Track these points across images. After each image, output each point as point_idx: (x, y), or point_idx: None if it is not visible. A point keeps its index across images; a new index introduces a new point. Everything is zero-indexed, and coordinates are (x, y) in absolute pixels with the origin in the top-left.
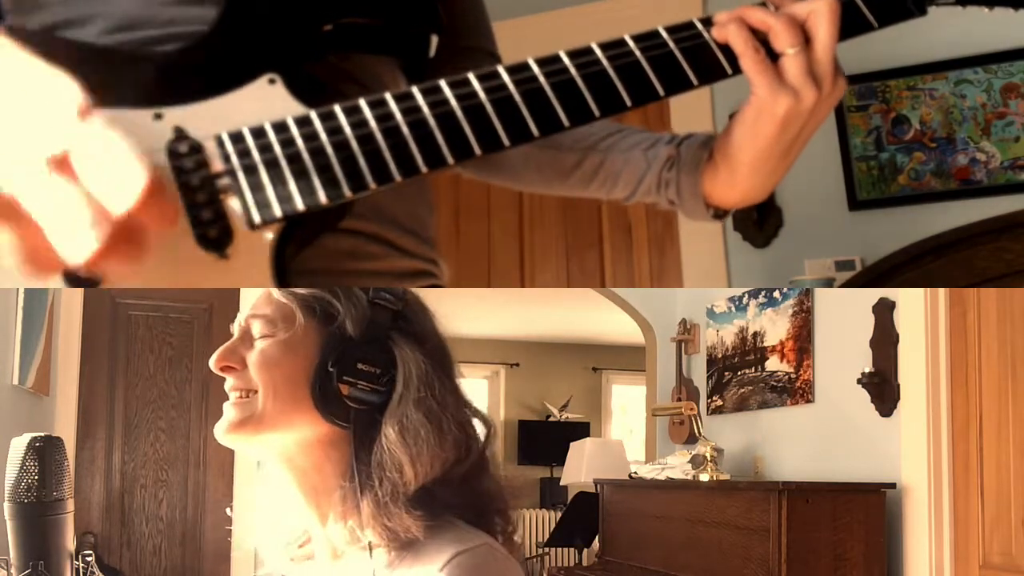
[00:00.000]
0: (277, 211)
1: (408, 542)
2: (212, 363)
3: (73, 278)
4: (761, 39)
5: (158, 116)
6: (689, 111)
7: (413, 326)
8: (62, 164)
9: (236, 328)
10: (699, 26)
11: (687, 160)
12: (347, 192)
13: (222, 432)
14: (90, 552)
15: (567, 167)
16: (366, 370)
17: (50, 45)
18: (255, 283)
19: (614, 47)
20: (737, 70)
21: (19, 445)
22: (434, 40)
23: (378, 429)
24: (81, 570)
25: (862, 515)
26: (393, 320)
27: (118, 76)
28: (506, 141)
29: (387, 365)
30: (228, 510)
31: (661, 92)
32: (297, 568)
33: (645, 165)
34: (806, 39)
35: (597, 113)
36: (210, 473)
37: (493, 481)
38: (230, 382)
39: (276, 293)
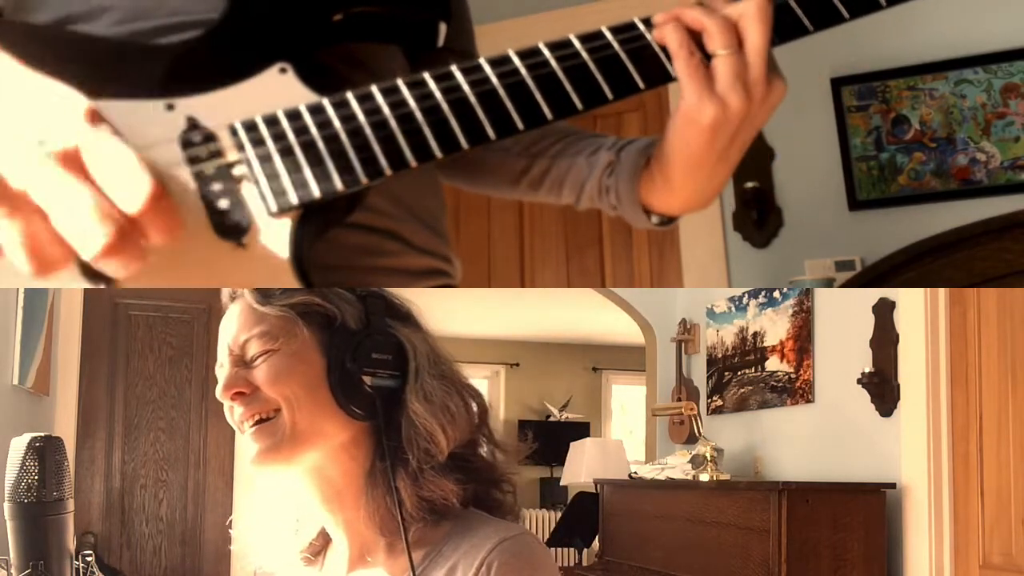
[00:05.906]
0: (294, 199)
1: (443, 514)
2: (220, 394)
3: (91, 272)
4: (698, 40)
5: (170, 107)
6: None
7: (399, 310)
8: (73, 160)
9: (225, 358)
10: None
11: (625, 166)
12: (363, 178)
13: (257, 462)
14: (90, 552)
15: (516, 172)
16: (380, 358)
17: (60, 38)
18: (272, 279)
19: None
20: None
21: (19, 445)
22: (443, 28)
23: (402, 409)
24: (81, 570)
25: (862, 515)
26: (385, 308)
27: (129, 67)
28: (520, 125)
29: (395, 349)
30: (229, 523)
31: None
32: (306, 573)
33: (587, 171)
34: (741, 42)
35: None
36: (210, 473)
37: (500, 445)
38: (241, 410)
39: (262, 308)
